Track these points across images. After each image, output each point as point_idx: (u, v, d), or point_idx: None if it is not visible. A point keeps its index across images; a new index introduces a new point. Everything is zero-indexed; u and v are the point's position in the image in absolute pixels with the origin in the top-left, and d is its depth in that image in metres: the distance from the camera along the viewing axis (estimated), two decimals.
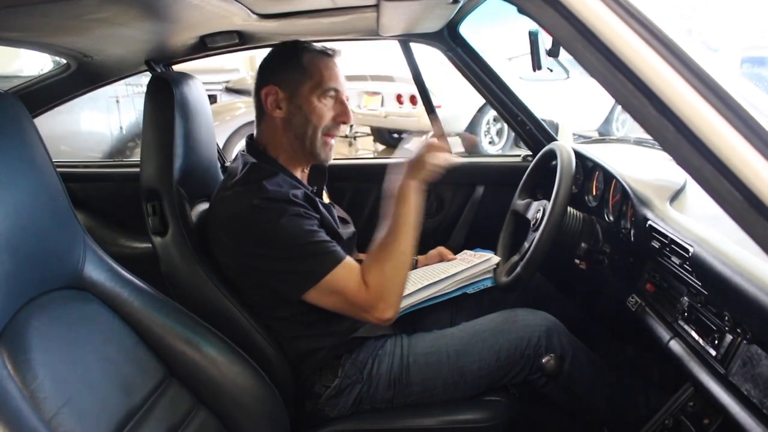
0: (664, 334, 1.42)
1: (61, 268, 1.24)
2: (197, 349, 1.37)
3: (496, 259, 1.88)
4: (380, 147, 8.76)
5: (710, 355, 1.23)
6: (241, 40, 1.89)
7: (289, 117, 1.64)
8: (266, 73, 1.67)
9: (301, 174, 1.73)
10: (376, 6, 1.59)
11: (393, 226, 1.53)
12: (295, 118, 1.63)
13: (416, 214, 1.54)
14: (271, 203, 1.48)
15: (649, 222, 1.46)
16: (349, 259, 1.52)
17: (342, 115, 1.66)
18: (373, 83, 7.59)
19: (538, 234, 1.66)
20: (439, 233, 2.54)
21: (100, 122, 5.74)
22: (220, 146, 2.29)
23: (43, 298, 1.16)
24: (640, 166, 1.93)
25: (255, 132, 1.72)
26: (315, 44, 1.70)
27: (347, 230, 1.78)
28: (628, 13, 0.69)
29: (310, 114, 1.62)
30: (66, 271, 1.25)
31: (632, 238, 1.63)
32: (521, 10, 0.84)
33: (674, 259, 1.35)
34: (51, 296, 1.18)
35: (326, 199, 1.81)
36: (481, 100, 2.45)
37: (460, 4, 1.71)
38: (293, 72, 1.63)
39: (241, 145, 3.36)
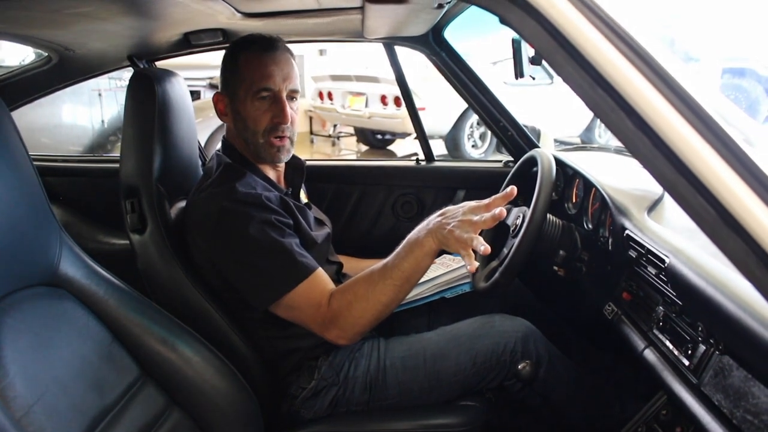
0: (639, 342, 1.43)
1: (36, 264, 1.23)
2: (173, 349, 1.36)
3: (475, 264, 1.88)
4: (363, 147, 8.78)
5: (683, 364, 1.24)
6: (225, 39, 1.88)
7: (235, 122, 1.63)
8: (220, 80, 1.66)
9: (274, 174, 1.71)
10: (361, 8, 1.59)
11: (386, 270, 1.47)
12: (238, 123, 1.62)
13: (414, 272, 1.47)
14: (241, 206, 1.47)
15: (627, 231, 1.47)
16: (313, 276, 1.49)
17: (276, 116, 1.58)
18: (358, 84, 7.60)
19: (517, 240, 1.66)
20: None
21: (82, 115, 5.69)
22: (203, 143, 2.27)
23: (16, 295, 1.14)
24: (620, 175, 1.94)
25: None
26: (256, 41, 1.61)
27: (322, 231, 1.74)
28: (608, 27, 0.69)
29: (246, 119, 1.59)
30: (41, 267, 1.24)
31: (610, 247, 1.64)
32: (503, 21, 0.84)
33: (650, 269, 1.36)
34: (25, 293, 1.17)
35: (304, 199, 1.79)
36: (465, 104, 2.45)
37: (445, 9, 1.71)
38: (231, 76, 1.61)
39: None
